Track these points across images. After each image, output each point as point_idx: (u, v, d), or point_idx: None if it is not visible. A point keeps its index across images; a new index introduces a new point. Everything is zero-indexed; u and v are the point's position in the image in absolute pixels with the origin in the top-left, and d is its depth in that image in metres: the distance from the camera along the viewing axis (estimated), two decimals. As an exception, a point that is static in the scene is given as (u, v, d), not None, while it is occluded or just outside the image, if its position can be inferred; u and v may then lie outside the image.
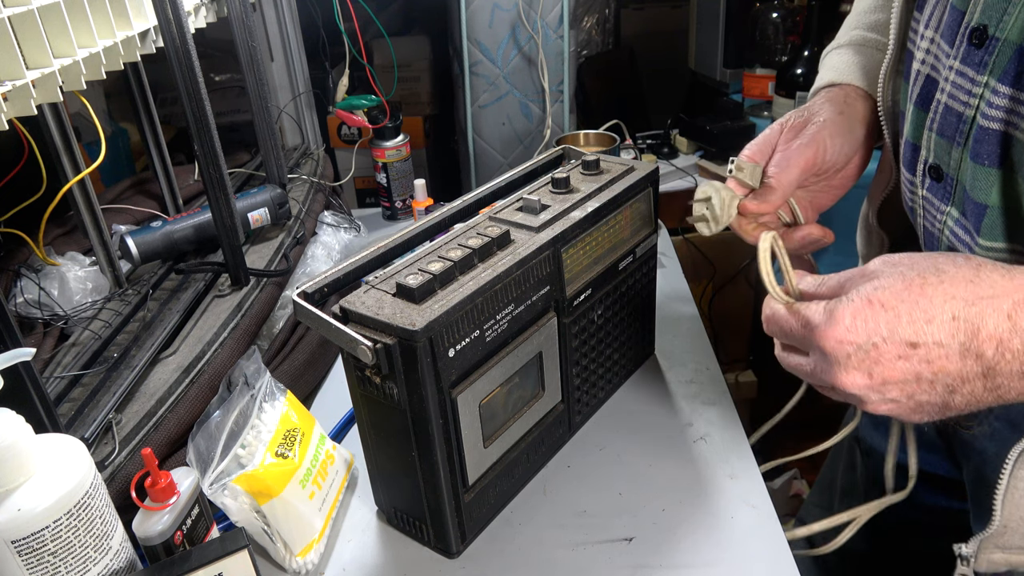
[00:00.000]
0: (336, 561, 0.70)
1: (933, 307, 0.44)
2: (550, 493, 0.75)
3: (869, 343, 0.45)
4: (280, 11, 1.40)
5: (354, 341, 0.58)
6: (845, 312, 0.46)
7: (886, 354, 0.45)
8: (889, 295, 0.45)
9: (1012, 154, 0.52)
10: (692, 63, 1.93)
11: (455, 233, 0.69)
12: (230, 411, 0.69)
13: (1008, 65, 0.50)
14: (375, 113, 1.34)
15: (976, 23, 0.53)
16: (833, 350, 0.46)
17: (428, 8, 1.79)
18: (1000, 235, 0.54)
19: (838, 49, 0.76)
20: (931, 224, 0.62)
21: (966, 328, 0.43)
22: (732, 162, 0.68)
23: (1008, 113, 0.51)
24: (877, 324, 0.45)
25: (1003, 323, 0.43)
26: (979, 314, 0.43)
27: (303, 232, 1.14)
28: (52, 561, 0.51)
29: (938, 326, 0.44)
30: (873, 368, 0.46)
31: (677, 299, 1.06)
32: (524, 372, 0.69)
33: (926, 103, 0.60)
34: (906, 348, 0.45)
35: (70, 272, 0.92)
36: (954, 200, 0.58)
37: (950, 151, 0.57)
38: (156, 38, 0.85)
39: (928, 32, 0.60)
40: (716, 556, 0.66)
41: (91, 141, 1.03)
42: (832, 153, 0.68)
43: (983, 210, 0.54)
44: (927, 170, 0.60)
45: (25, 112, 0.63)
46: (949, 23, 0.57)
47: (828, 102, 0.70)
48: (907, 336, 0.44)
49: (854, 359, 0.46)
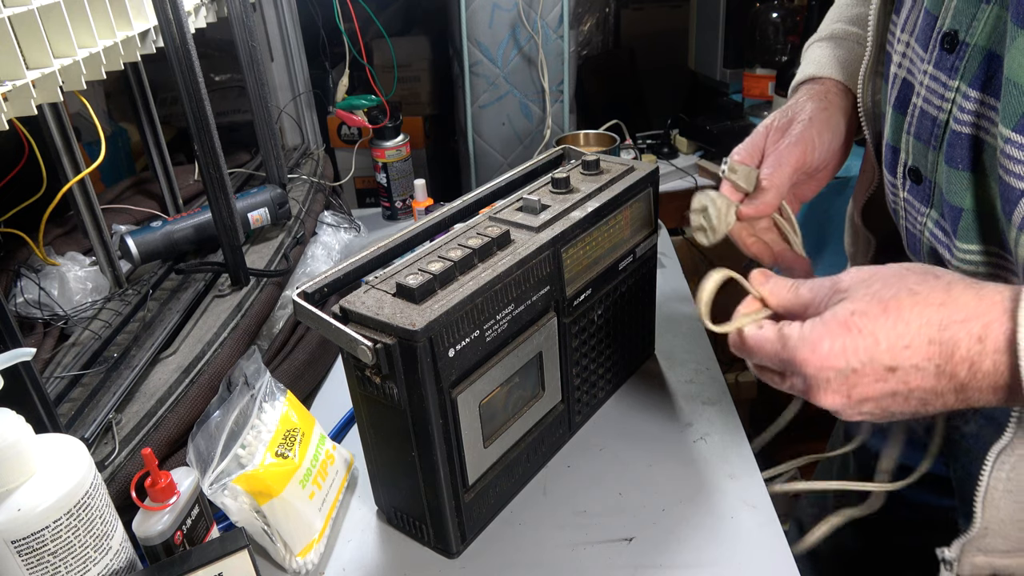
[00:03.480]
0: (336, 561, 0.70)
1: (910, 332, 0.45)
2: (550, 493, 0.75)
3: (849, 368, 0.47)
4: (280, 11, 1.40)
5: (354, 341, 0.58)
6: (824, 338, 0.47)
7: (865, 378, 0.47)
8: (867, 321, 0.46)
9: (983, 158, 0.52)
10: (692, 63, 1.93)
11: (455, 233, 0.69)
12: (230, 411, 0.69)
13: (978, 70, 0.51)
14: (375, 113, 1.34)
15: (947, 28, 0.53)
16: (814, 375, 0.48)
17: (428, 8, 1.79)
18: (975, 237, 0.54)
19: (819, 42, 0.76)
20: (912, 226, 0.62)
21: (941, 351, 0.45)
22: (725, 163, 0.68)
23: (978, 117, 0.51)
24: (856, 350, 0.46)
25: (975, 346, 0.44)
26: (952, 339, 0.45)
27: (303, 232, 1.14)
28: (52, 561, 0.51)
29: (915, 351, 0.45)
30: (852, 390, 0.47)
31: (677, 299, 1.06)
32: (524, 372, 0.69)
33: (903, 106, 0.60)
34: (885, 372, 0.46)
35: (70, 272, 0.92)
36: (933, 202, 0.59)
37: (927, 154, 0.57)
38: (156, 38, 0.85)
39: (904, 36, 0.61)
40: (716, 556, 0.66)
41: (91, 141, 1.03)
42: (820, 149, 0.68)
43: (959, 213, 0.55)
44: (907, 172, 0.61)
45: (25, 112, 0.63)
46: (923, 27, 0.57)
47: (810, 99, 0.70)
48: (886, 362, 0.46)
49: (834, 383, 0.47)
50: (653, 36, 2.14)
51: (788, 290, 0.53)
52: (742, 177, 0.67)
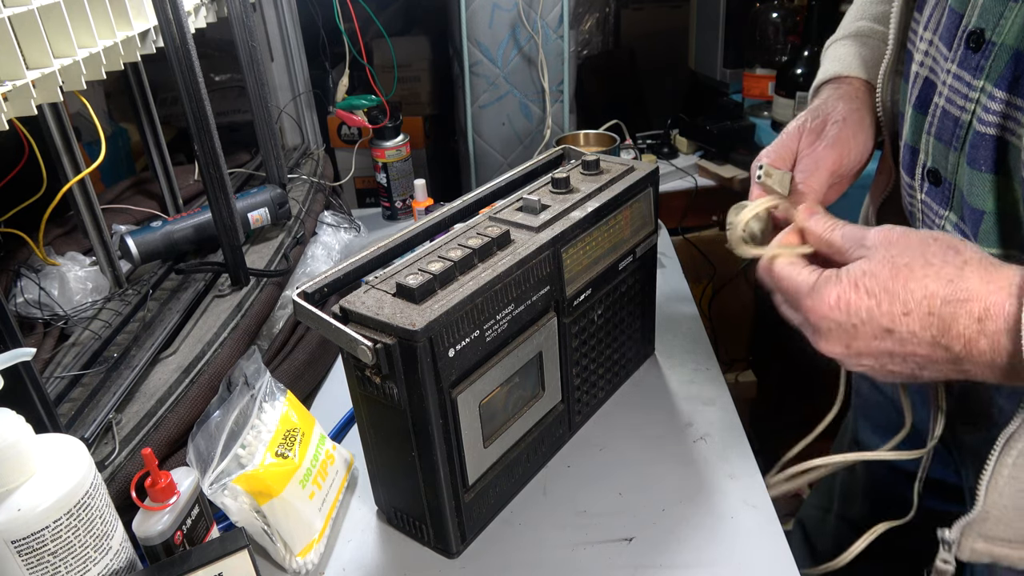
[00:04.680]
0: (336, 561, 0.70)
1: (912, 300, 0.47)
2: (550, 493, 0.75)
3: (849, 323, 0.49)
4: (280, 11, 1.40)
5: (354, 341, 0.58)
6: (832, 292, 0.50)
7: (863, 334, 0.49)
8: (874, 283, 0.48)
9: (1008, 159, 0.51)
10: (692, 63, 1.93)
11: (455, 233, 0.69)
12: (230, 411, 0.69)
13: (1004, 70, 0.50)
14: (375, 113, 1.34)
15: (974, 26, 0.52)
16: (816, 322, 0.51)
17: (428, 8, 1.79)
18: (996, 241, 0.54)
19: (842, 40, 0.75)
20: (930, 228, 0.61)
21: (939, 324, 0.47)
22: (761, 168, 0.65)
23: (1004, 118, 0.51)
24: (858, 308, 0.49)
25: (972, 325, 0.46)
26: (952, 314, 0.46)
27: (303, 232, 1.14)
28: (52, 561, 0.51)
29: (913, 319, 0.47)
30: (851, 342, 0.50)
31: (677, 299, 1.06)
32: (524, 372, 0.69)
33: (924, 106, 0.59)
34: (882, 332, 0.49)
35: (70, 272, 0.92)
36: (952, 205, 0.58)
37: (947, 155, 0.57)
38: (156, 38, 0.85)
39: (927, 34, 0.60)
40: (716, 556, 0.66)
41: (91, 141, 1.03)
42: (856, 151, 0.66)
43: (980, 216, 0.54)
44: (926, 174, 0.60)
45: (25, 112, 0.63)
46: (948, 25, 0.56)
47: (840, 99, 0.68)
48: (884, 323, 0.48)
49: (834, 332, 0.50)
50: (653, 36, 2.14)
51: (825, 230, 0.55)
52: (776, 182, 0.64)
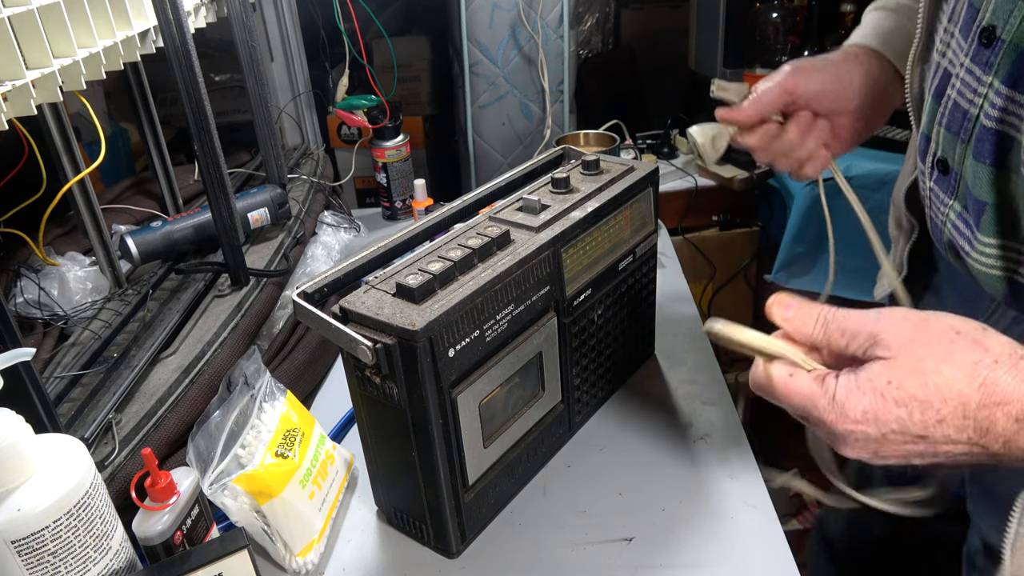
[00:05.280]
0: (336, 561, 0.70)
1: (945, 408, 0.44)
2: (550, 493, 0.75)
3: (878, 433, 0.45)
4: (280, 11, 1.40)
5: (354, 341, 0.58)
6: (856, 406, 0.45)
7: (893, 441, 0.46)
8: (902, 393, 0.44)
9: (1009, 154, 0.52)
10: (692, 63, 1.92)
11: (455, 233, 0.69)
12: (230, 411, 0.69)
13: (1010, 67, 0.51)
14: (375, 113, 1.34)
15: (987, 22, 0.53)
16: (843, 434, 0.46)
17: (428, 8, 1.79)
18: (995, 232, 0.55)
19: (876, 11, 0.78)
20: (936, 215, 0.63)
21: (975, 426, 0.44)
22: (714, 83, 0.72)
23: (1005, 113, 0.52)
24: (887, 420, 0.45)
25: (1011, 426, 0.43)
26: (989, 417, 0.43)
27: (303, 232, 1.14)
28: (52, 561, 0.51)
29: (947, 424, 0.44)
30: (879, 449, 0.46)
31: (677, 299, 1.06)
32: (524, 372, 0.69)
33: (940, 96, 0.61)
34: (915, 438, 0.45)
35: (70, 272, 0.92)
36: (957, 194, 0.59)
37: (955, 146, 0.58)
38: (156, 38, 0.85)
39: (949, 26, 0.61)
40: (716, 556, 0.66)
41: (91, 141, 1.03)
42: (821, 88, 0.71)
43: (982, 207, 0.55)
44: (935, 162, 0.61)
45: (25, 112, 0.63)
46: (966, 19, 0.57)
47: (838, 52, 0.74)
48: (917, 431, 0.45)
49: (861, 442, 0.46)
50: (653, 36, 2.13)
51: (816, 327, 0.48)
52: (733, 94, 0.72)
